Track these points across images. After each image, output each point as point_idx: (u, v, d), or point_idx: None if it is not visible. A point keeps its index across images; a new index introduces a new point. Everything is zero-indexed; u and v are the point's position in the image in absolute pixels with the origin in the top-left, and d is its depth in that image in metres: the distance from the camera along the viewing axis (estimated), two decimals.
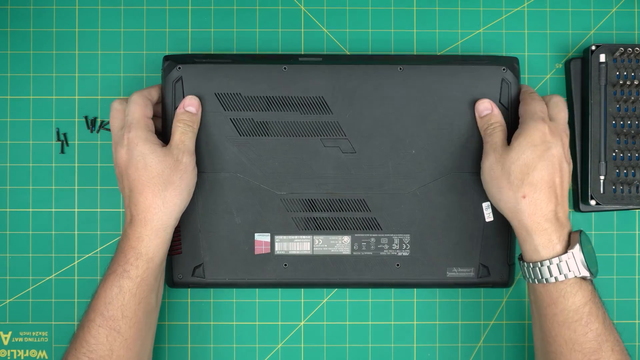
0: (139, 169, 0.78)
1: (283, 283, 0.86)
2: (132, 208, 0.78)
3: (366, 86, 0.85)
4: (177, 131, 0.81)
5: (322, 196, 0.85)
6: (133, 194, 0.78)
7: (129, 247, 0.77)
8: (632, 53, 0.85)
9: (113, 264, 0.78)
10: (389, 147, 0.85)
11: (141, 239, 0.77)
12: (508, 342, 0.90)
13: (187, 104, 0.83)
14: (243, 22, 0.91)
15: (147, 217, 0.78)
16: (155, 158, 0.78)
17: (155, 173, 0.78)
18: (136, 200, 0.78)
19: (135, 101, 0.81)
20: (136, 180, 0.78)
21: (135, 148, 0.78)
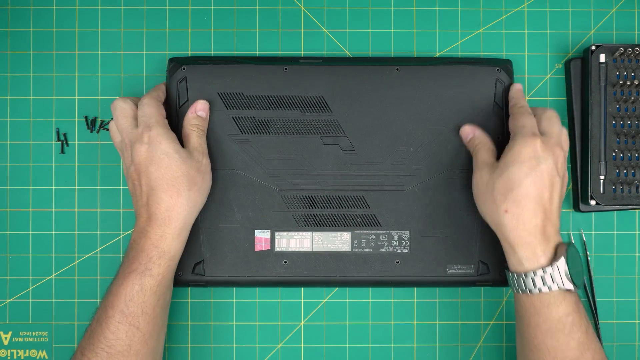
0: (162, 167, 0.78)
1: (283, 280, 0.86)
2: (152, 206, 0.78)
3: (365, 86, 0.86)
4: (193, 135, 0.82)
5: (322, 193, 0.86)
6: (155, 192, 0.78)
7: (151, 246, 0.77)
8: (632, 53, 0.85)
9: (133, 262, 0.77)
10: (387, 145, 0.85)
11: (164, 238, 0.78)
12: (508, 342, 0.90)
13: (199, 109, 0.84)
14: (243, 22, 0.91)
15: (172, 215, 0.78)
16: (180, 158, 0.78)
17: (180, 172, 0.78)
18: (158, 199, 0.78)
19: (150, 103, 0.81)
20: (159, 179, 0.78)
21: (159, 146, 0.78)
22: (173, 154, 0.78)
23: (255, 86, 0.86)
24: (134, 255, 0.78)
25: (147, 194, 0.78)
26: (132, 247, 0.79)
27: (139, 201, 0.79)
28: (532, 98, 0.90)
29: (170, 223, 0.78)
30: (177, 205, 0.78)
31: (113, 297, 0.77)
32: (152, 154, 0.78)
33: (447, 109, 0.86)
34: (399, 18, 0.91)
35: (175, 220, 0.78)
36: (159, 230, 0.78)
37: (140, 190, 0.79)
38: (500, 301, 0.90)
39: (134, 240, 0.79)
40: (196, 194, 0.80)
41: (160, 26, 0.90)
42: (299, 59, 0.87)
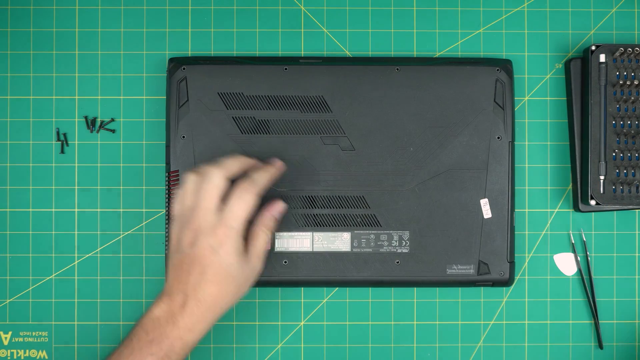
0: (220, 272, 0.76)
1: (283, 280, 0.86)
2: (191, 299, 0.76)
3: (365, 86, 0.86)
4: (261, 238, 0.80)
5: (322, 193, 0.86)
6: (203, 289, 0.76)
7: (177, 337, 0.75)
8: (632, 53, 0.85)
9: (153, 345, 0.75)
10: (387, 145, 0.86)
11: (193, 332, 0.76)
12: (508, 342, 0.90)
13: (277, 210, 0.82)
14: (243, 22, 0.91)
15: (208, 316, 0.76)
16: (239, 269, 0.77)
17: (233, 280, 0.77)
18: (204, 295, 0.76)
19: (248, 202, 0.78)
20: (214, 275, 0.76)
21: (225, 257, 0.76)
22: (234, 265, 0.77)
23: (255, 86, 0.86)
24: (156, 339, 0.75)
25: (193, 285, 0.76)
26: (154, 325, 0.76)
27: (181, 285, 0.77)
28: (532, 98, 0.90)
29: (204, 321, 0.76)
30: (219, 304, 0.77)
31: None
32: (215, 255, 0.76)
33: (447, 109, 0.86)
34: (399, 18, 0.91)
35: (210, 320, 0.77)
36: (189, 323, 0.76)
37: (187, 276, 0.76)
38: (500, 301, 0.90)
39: (157, 319, 0.76)
40: (239, 296, 0.79)
41: (160, 26, 0.90)
42: (299, 59, 0.87)
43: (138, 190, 0.89)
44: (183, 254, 0.77)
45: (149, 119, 0.90)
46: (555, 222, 0.90)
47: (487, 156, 0.86)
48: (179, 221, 0.79)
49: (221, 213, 0.77)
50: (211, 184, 0.77)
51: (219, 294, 0.76)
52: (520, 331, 0.90)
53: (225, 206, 0.77)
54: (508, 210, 0.86)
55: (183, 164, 0.85)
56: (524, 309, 0.90)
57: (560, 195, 0.90)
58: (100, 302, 0.89)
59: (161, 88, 0.90)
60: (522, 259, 0.90)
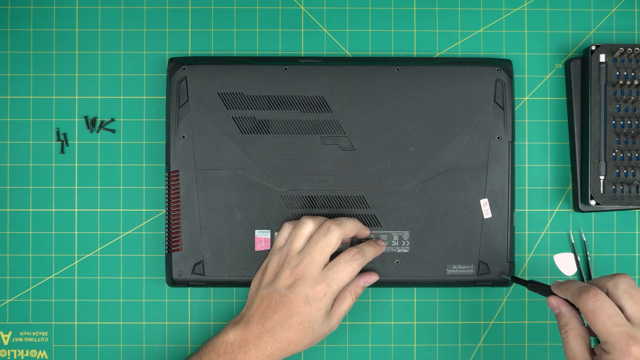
0: (304, 323, 0.78)
1: None
2: (274, 330, 0.78)
3: (365, 86, 0.86)
4: (347, 302, 0.82)
5: (322, 193, 0.86)
6: (282, 331, 0.78)
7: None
8: (632, 53, 0.85)
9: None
10: (387, 145, 0.86)
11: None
12: (508, 342, 0.90)
13: (368, 281, 0.84)
14: (243, 22, 0.91)
15: (280, 352, 0.79)
16: (321, 325, 0.79)
17: (312, 334, 0.79)
18: (282, 334, 0.78)
19: (354, 269, 0.80)
20: (298, 324, 0.78)
21: (316, 312, 0.79)
22: (318, 324, 0.79)
23: (255, 86, 0.86)
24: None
25: (275, 324, 0.78)
26: (226, 349, 0.78)
27: (263, 318, 0.79)
28: (532, 98, 0.90)
29: (272, 357, 0.78)
30: (287, 352, 0.79)
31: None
32: (305, 309, 0.78)
33: (447, 109, 0.86)
34: (399, 18, 0.91)
35: (275, 359, 0.79)
36: (259, 357, 0.78)
37: (273, 314, 0.79)
38: (500, 301, 0.90)
39: (231, 344, 0.78)
40: (303, 349, 0.80)
41: (160, 26, 0.90)
42: (299, 59, 0.87)
43: (138, 190, 0.89)
44: (276, 291, 0.79)
45: (149, 119, 0.90)
46: (555, 222, 0.90)
47: (487, 156, 0.86)
48: (281, 257, 0.81)
49: (327, 271, 0.79)
50: (328, 241, 0.80)
51: (294, 341, 0.79)
52: (520, 331, 0.90)
53: (333, 266, 0.80)
54: (508, 210, 0.86)
55: (183, 164, 0.85)
56: (524, 309, 0.90)
57: (560, 195, 0.90)
58: (100, 302, 0.89)
59: (161, 88, 0.90)
60: (522, 259, 0.90)
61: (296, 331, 0.78)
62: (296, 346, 0.79)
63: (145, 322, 0.89)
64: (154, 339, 0.89)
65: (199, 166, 0.85)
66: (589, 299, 0.69)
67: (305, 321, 0.78)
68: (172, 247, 0.85)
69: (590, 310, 0.69)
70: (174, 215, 0.85)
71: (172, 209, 0.85)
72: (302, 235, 0.81)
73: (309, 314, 0.78)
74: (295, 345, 0.79)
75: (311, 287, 0.78)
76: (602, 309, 0.69)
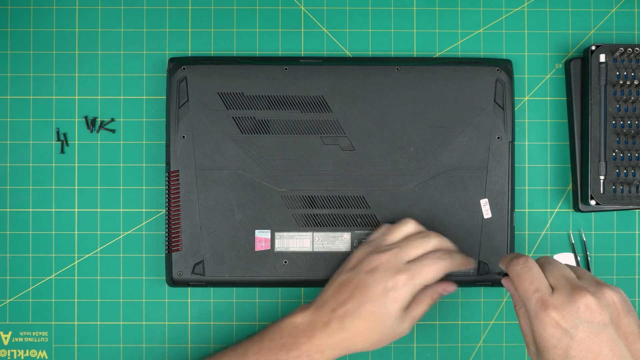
0: (376, 314, 0.76)
1: (283, 280, 0.86)
2: (344, 318, 0.76)
3: (365, 86, 0.86)
4: (422, 307, 0.79)
5: (322, 193, 0.86)
6: (357, 316, 0.76)
7: (306, 352, 0.76)
8: (632, 53, 0.85)
9: (281, 350, 0.76)
10: (387, 145, 0.86)
11: (321, 354, 0.76)
12: (508, 342, 0.90)
13: (446, 290, 0.81)
14: (243, 22, 0.91)
15: (345, 342, 0.76)
16: (393, 323, 0.77)
17: (382, 330, 0.77)
18: (352, 323, 0.76)
19: (438, 265, 0.78)
20: (370, 314, 0.76)
21: (391, 304, 0.76)
22: (391, 321, 0.76)
23: (255, 86, 0.86)
24: (287, 345, 0.76)
25: (346, 311, 0.76)
26: (291, 332, 0.77)
27: (335, 304, 0.77)
28: (532, 98, 0.90)
29: (335, 349, 0.76)
30: (351, 344, 0.76)
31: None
32: (380, 298, 0.76)
33: (447, 109, 0.86)
34: (399, 18, 0.91)
35: (339, 353, 0.77)
36: (323, 344, 0.76)
37: (346, 299, 0.77)
38: (500, 301, 0.90)
39: (296, 327, 0.77)
40: (366, 349, 0.78)
41: (160, 26, 0.90)
42: (299, 59, 0.87)
43: (138, 190, 0.89)
44: (355, 275, 0.78)
45: (149, 119, 0.90)
46: (555, 222, 0.90)
47: (487, 156, 0.86)
48: (370, 246, 0.80)
49: (411, 264, 0.77)
50: (424, 242, 0.79)
51: (363, 332, 0.76)
52: (520, 331, 0.90)
53: (419, 260, 0.78)
54: (508, 210, 0.86)
55: (183, 164, 0.85)
56: None
57: (560, 195, 0.90)
58: (100, 302, 0.89)
59: (161, 88, 0.90)
60: None
61: (367, 321, 0.76)
62: (363, 340, 0.76)
63: (145, 322, 0.89)
64: (154, 339, 0.89)
65: (199, 166, 0.85)
66: (517, 265, 0.70)
67: (379, 312, 0.76)
68: (172, 247, 0.85)
69: (516, 275, 0.70)
70: (174, 215, 0.85)
71: (172, 209, 0.86)
72: (400, 231, 0.81)
73: (384, 304, 0.76)
74: (363, 339, 0.76)
75: (392, 275, 0.76)
76: (526, 274, 0.69)
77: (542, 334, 0.66)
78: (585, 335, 0.65)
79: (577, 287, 0.67)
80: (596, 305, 0.65)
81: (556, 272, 0.69)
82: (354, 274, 0.78)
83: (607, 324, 0.65)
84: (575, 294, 0.66)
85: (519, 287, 0.69)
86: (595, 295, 0.66)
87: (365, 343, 0.77)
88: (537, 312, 0.67)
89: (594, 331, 0.65)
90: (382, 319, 0.76)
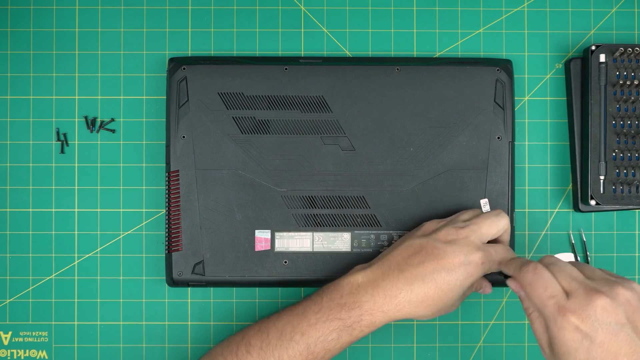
0: (450, 283, 0.75)
1: (283, 280, 0.86)
2: (413, 280, 0.75)
3: (365, 86, 0.86)
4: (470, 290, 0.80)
5: (322, 193, 0.86)
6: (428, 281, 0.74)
7: (368, 311, 0.75)
8: (632, 53, 0.85)
9: (343, 310, 0.75)
10: (387, 145, 0.86)
11: (384, 314, 0.75)
12: (508, 342, 0.90)
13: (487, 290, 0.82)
14: (243, 22, 0.91)
15: (408, 306, 0.75)
16: (458, 297, 0.77)
17: (447, 302, 0.76)
18: (420, 287, 0.75)
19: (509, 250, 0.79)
20: (441, 282, 0.75)
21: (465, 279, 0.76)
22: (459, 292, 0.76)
23: (255, 86, 0.86)
24: (348, 304, 0.75)
25: (417, 274, 0.75)
26: (351, 290, 0.76)
27: (405, 265, 0.76)
28: (532, 98, 0.90)
29: (397, 311, 0.75)
30: (413, 310, 0.76)
31: (308, 326, 0.75)
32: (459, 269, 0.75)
33: (447, 109, 0.86)
34: (399, 18, 0.91)
35: (400, 315, 0.76)
36: (386, 304, 0.75)
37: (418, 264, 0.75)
38: (500, 301, 0.90)
39: (357, 285, 0.76)
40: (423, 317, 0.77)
41: (160, 26, 0.90)
42: (299, 59, 0.87)
43: (138, 190, 0.89)
44: (431, 242, 0.76)
45: (149, 119, 0.90)
46: (555, 222, 0.90)
47: (487, 156, 0.86)
48: (443, 221, 0.80)
49: (489, 247, 0.78)
50: (498, 221, 0.79)
51: (429, 298, 0.75)
52: (520, 331, 0.90)
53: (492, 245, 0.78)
54: (508, 210, 0.86)
55: (183, 164, 0.85)
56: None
57: (560, 195, 0.90)
58: (100, 302, 0.89)
59: (161, 88, 0.90)
60: None
61: (437, 289, 0.74)
62: (425, 307, 0.75)
63: (145, 322, 0.89)
64: (154, 339, 0.89)
65: (199, 166, 0.85)
66: (527, 273, 0.70)
67: (452, 282, 0.75)
68: (172, 247, 0.85)
69: (527, 283, 0.70)
70: (174, 215, 0.85)
71: (172, 209, 0.86)
72: (471, 211, 0.81)
73: (459, 276, 0.75)
74: (426, 305, 0.75)
75: (472, 250, 0.75)
76: (538, 281, 0.69)
77: (562, 339, 0.67)
78: (605, 336, 0.65)
79: (591, 289, 0.67)
80: (612, 306, 0.66)
81: (566, 274, 0.69)
82: (429, 240, 0.77)
83: (624, 323, 0.66)
84: (591, 297, 0.66)
85: (532, 295, 0.69)
86: (610, 295, 0.66)
87: (426, 311, 0.76)
88: (555, 317, 0.67)
89: (613, 332, 0.65)
90: (452, 290, 0.75)
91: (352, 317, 0.75)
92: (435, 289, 0.75)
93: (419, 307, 0.76)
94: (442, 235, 0.77)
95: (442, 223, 0.80)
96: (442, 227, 0.78)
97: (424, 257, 0.75)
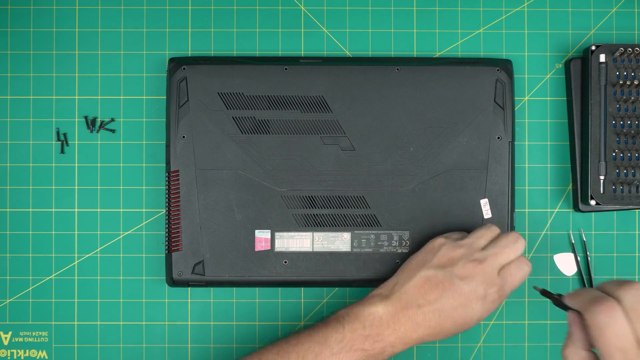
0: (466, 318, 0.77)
1: (283, 280, 0.86)
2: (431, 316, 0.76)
3: (365, 86, 0.86)
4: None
5: (322, 193, 0.86)
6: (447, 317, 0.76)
7: (390, 344, 0.76)
8: (632, 53, 0.85)
9: (366, 341, 0.75)
10: (387, 145, 0.86)
11: (404, 345, 0.76)
12: (508, 342, 0.90)
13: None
14: (243, 22, 0.91)
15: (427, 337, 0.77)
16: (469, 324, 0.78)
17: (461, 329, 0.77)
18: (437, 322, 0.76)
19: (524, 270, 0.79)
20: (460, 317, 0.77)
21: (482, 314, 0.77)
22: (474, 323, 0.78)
23: (255, 86, 0.86)
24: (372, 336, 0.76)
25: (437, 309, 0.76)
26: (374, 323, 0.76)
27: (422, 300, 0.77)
28: (532, 98, 0.90)
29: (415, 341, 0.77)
30: (432, 338, 0.77)
31: (331, 354, 0.75)
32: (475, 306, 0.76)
33: (447, 109, 0.86)
34: (399, 18, 0.91)
35: (416, 343, 0.77)
36: (406, 338, 0.76)
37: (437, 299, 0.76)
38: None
39: (380, 318, 0.76)
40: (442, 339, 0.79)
41: (160, 26, 0.90)
42: (299, 59, 0.87)
43: (138, 190, 0.89)
44: (448, 277, 0.77)
45: (149, 119, 0.90)
46: (555, 222, 0.90)
47: (487, 156, 0.86)
48: (460, 247, 0.79)
49: (503, 273, 0.78)
50: (515, 248, 0.79)
51: (446, 330, 0.77)
52: (520, 331, 0.90)
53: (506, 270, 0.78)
54: (508, 210, 0.86)
55: (183, 164, 0.85)
56: (524, 309, 0.90)
57: (560, 195, 0.90)
58: (100, 302, 0.89)
59: (161, 88, 0.90)
60: None
61: (455, 323, 0.76)
62: (443, 336, 0.77)
63: (145, 322, 0.89)
64: (154, 339, 0.89)
65: (199, 166, 0.85)
66: (600, 314, 0.64)
67: (468, 317, 0.76)
68: (172, 247, 0.85)
69: (598, 326, 0.64)
70: (174, 215, 0.85)
71: (172, 209, 0.86)
72: (487, 236, 0.80)
73: (475, 312, 0.76)
74: (444, 335, 0.77)
75: (488, 286, 0.76)
76: (611, 327, 0.64)
77: None
78: None
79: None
80: None
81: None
82: (445, 274, 0.77)
83: None
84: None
85: (599, 339, 0.64)
86: None
87: (443, 337, 0.78)
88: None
89: None
90: (469, 322, 0.77)
91: (376, 349, 0.76)
92: (453, 324, 0.76)
93: (438, 337, 0.77)
94: (459, 270, 0.77)
95: (458, 251, 0.79)
96: (458, 260, 0.78)
97: (441, 293, 0.76)
